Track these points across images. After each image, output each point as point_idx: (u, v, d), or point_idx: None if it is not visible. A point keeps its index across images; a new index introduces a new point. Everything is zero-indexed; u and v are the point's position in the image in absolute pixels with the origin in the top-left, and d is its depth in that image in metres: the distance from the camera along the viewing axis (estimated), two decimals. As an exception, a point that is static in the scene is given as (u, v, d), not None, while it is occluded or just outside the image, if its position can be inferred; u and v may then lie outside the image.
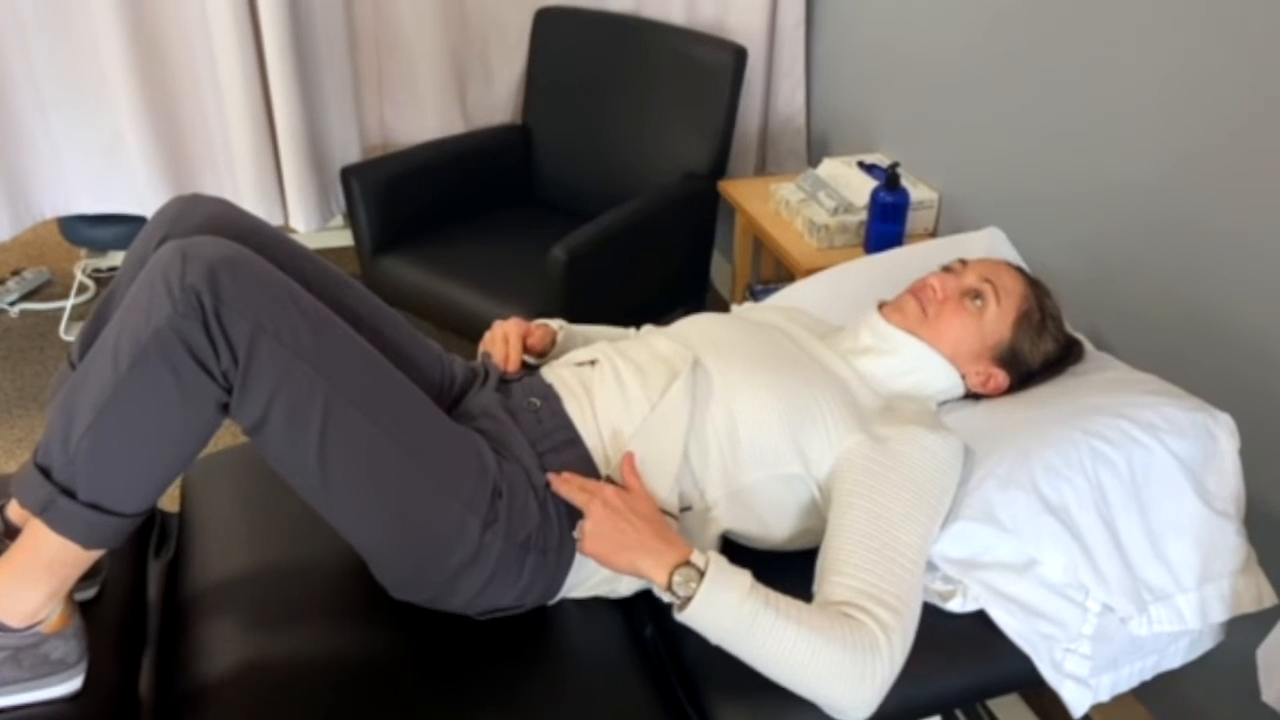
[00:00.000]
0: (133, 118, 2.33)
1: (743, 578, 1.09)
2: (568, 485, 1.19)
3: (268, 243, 1.25)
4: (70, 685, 1.10)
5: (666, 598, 1.11)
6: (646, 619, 1.33)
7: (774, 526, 1.27)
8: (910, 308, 1.38)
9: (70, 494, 1.03)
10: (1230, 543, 1.29)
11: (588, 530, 1.13)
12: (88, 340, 1.26)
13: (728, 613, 1.06)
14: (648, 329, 1.55)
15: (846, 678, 1.05)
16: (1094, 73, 1.71)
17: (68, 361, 1.28)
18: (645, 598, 1.32)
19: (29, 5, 2.20)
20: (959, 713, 1.79)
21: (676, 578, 1.08)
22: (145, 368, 1.01)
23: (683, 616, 1.08)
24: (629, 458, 1.22)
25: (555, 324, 1.52)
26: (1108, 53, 1.68)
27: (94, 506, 1.04)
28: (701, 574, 1.07)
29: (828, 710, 1.08)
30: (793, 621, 1.06)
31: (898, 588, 1.10)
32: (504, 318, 2.18)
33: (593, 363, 1.35)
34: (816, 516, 1.27)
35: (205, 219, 1.23)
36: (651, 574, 1.10)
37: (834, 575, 1.13)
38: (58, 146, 2.36)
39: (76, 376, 1.06)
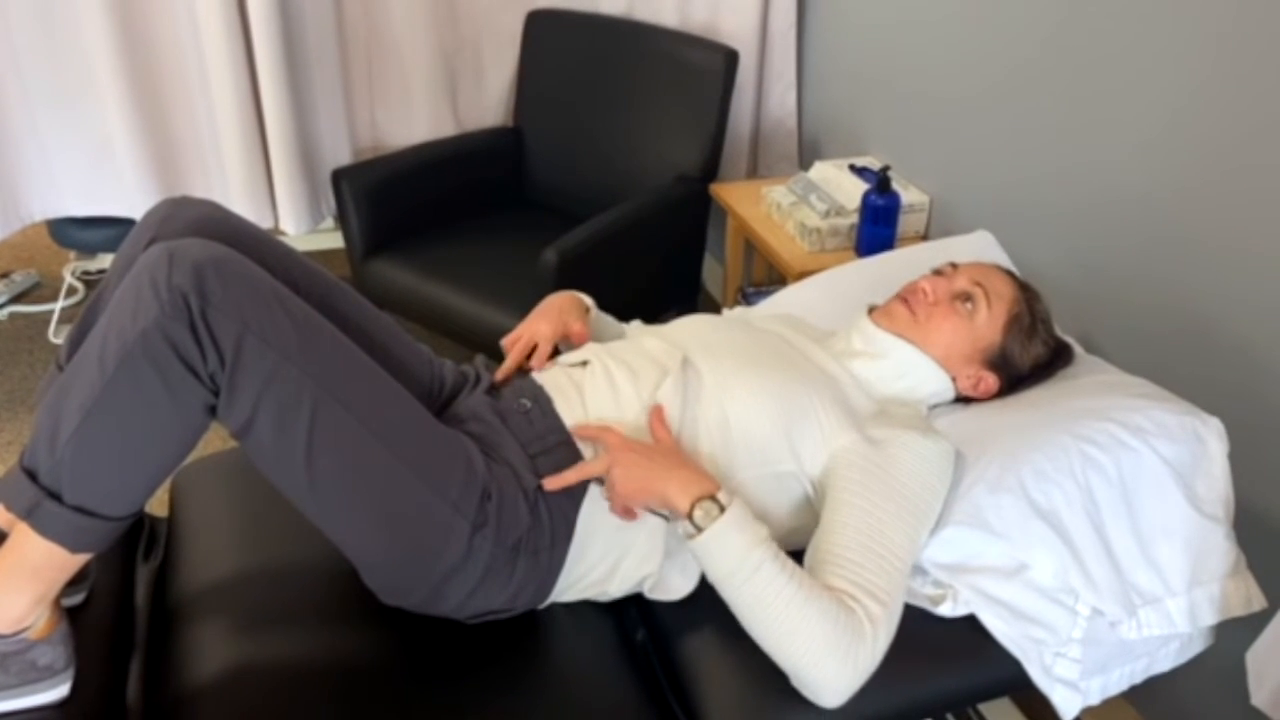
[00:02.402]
0: (122, 120, 2.32)
1: (760, 528, 1.12)
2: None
3: (256, 245, 1.24)
4: (57, 691, 1.10)
5: (681, 529, 1.13)
6: (638, 623, 1.33)
7: (767, 525, 1.27)
8: (900, 312, 1.38)
9: (57, 497, 1.03)
10: (1219, 546, 1.30)
11: (615, 474, 1.16)
12: (75, 342, 1.25)
13: (736, 552, 1.09)
14: (636, 325, 1.55)
15: (830, 653, 1.06)
16: (1084, 77, 1.72)
17: (55, 364, 1.27)
18: (636, 601, 1.31)
19: (16, 6, 2.19)
20: (950, 716, 1.79)
21: (698, 510, 1.11)
22: (132, 370, 1.01)
23: (693, 544, 1.11)
24: (658, 409, 1.24)
25: (588, 301, 1.53)
26: (1099, 58, 1.68)
27: (81, 510, 1.03)
28: (723, 510, 1.11)
29: (803, 686, 1.10)
30: (794, 582, 1.08)
31: (886, 583, 1.12)
32: (496, 320, 2.21)
33: (584, 363, 1.35)
34: (809, 514, 1.27)
35: (193, 221, 1.23)
36: (677, 500, 1.12)
37: (824, 566, 1.14)
38: (46, 149, 2.35)
39: (63, 379, 1.06)
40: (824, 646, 1.06)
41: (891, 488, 1.18)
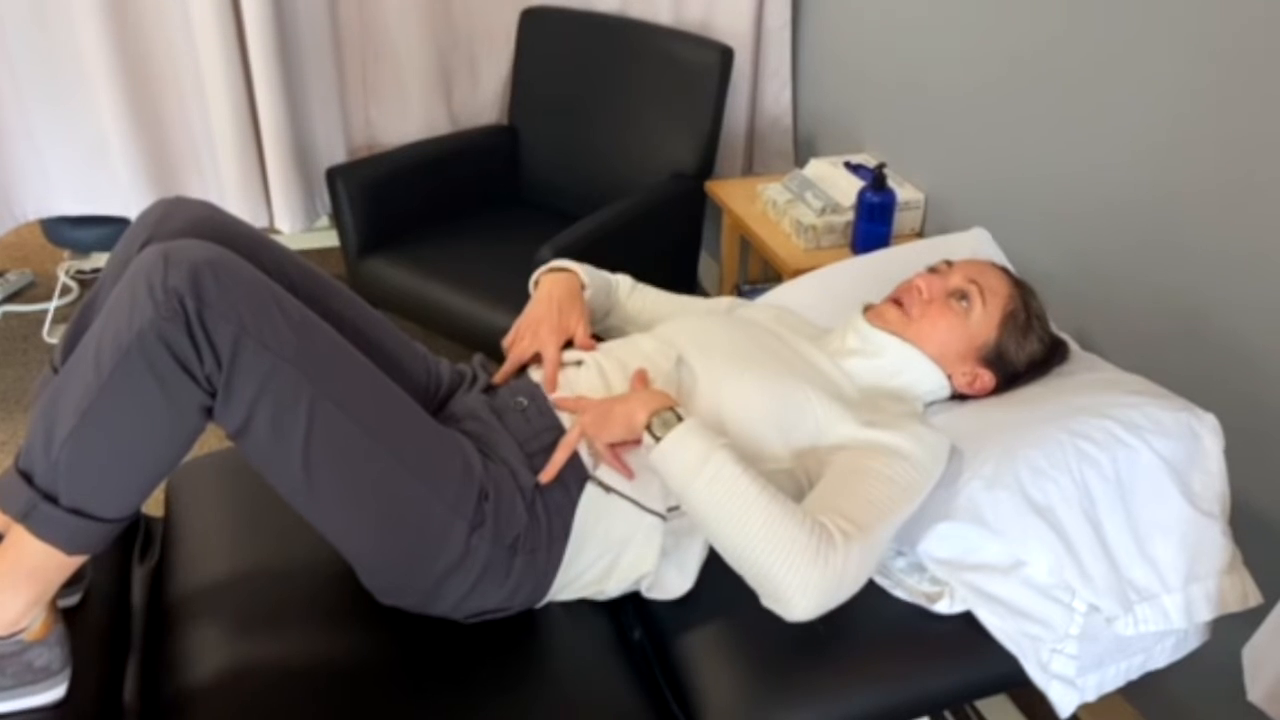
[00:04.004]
0: (115, 118, 2.31)
1: (721, 437, 1.13)
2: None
3: (251, 246, 1.24)
4: (54, 693, 1.09)
5: (643, 446, 1.14)
6: (635, 622, 1.33)
7: None
8: (894, 310, 1.39)
9: (52, 499, 1.03)
10: (1215, 542, 1.30)
11: (585, 422, 1.19)
12: (70, 344, 1.24)
13: (696, 455, 1.10)
14: (626, 280, 1.59)
15: (798, 555, 1.05)
16: (1080, 74, 1.72)
17: (50, 365, 1.27)
18: (633, 600, 1.32)
19: (9, 5, 2.18)
20: (947, 713, 1.80)
21: (656, 420, 1.14)
22: (128, 372, 1.00)
23: (654, 456, 1.13)
24: (641, 373, 1.26)
25: (582, 272, 1.51)
26: (1094, 55, 1.68)
27: (77, 512, 1.03)
28: (680, 420, 1.14)
29: (772, 594, 1.07)
30: (757, 484, 1.09)
31: (865, 516, 1.11)
32: (491, 319, 2.21)
33: (579, 364, 1.35)
34: None
35: (189, 222, 1.23)
36: (636, 415, 1.15)
37: (806, 504, 1.15)
38: (40, 148, 2.34)
39: (59, 381, 1.06)
40: (791, 547, 1.05)
41: (880, 458, 1.18)
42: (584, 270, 1.51)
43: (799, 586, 1.04)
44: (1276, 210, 1.39)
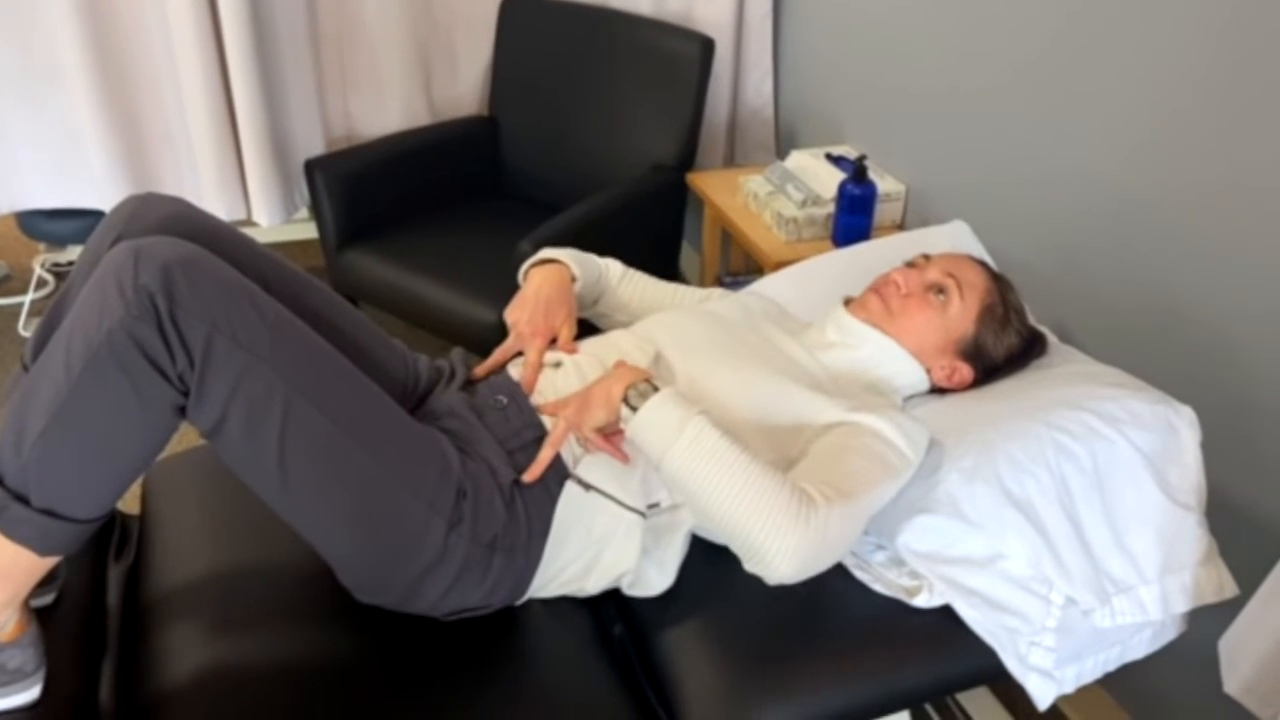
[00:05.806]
0: (90, 110, 2.29)
1: (697, 405, 1.13)
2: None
3: (225, 242, 1.23)
4: (28, 694, 1.08)
5: (624, 413, 1.14)
6: (615, 618, 1.32)
7: None
8: (874, 304, 1.39)
9: (24, 500, 1.02)
10: (1192, 534, 1.31)
11: (569, 415, 1.20)
12: (42, 341, 1.23)
13: (674, 422, 1.10)
14: (616, 265, 1.59)
15: (781, 515, 1.05)
16: (1060, 68, 1.72)
17: (21, 363, 1.25)
18: (613, 597, 1.31)
19: (-19, -5, 2.15)
20: (929, 707, 1.81)
21: (632, 392, 1.14)
22: (98, 371, 0.99)
23: (632, 426, 1.13)
24: (621, 364, 1.25)
25: (573, 264, 1.48)
26: (1076, 49, 1.68)
27: (48, 513, 1.02)
28: (656, 390, 1.14)
29: (755, 560, 1.07)
30: (736, 448, 1.09)
31: (846, 484, 1.11)
32: (471, 313, 2.20)
33: (557, 365, 1.35)
34: None
35: (160, 218, 1.21)
36: (614, 390, 1.15)
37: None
38: (13, 140, 2.31)
39: (29, 379, 1.04)
40: (772, 507, 1.05)
41: (862, 438, 1.19)
42: (574, 262, 1.49)
43: (780, 548, 1.04)
44: (1255, 207, 1.40)
